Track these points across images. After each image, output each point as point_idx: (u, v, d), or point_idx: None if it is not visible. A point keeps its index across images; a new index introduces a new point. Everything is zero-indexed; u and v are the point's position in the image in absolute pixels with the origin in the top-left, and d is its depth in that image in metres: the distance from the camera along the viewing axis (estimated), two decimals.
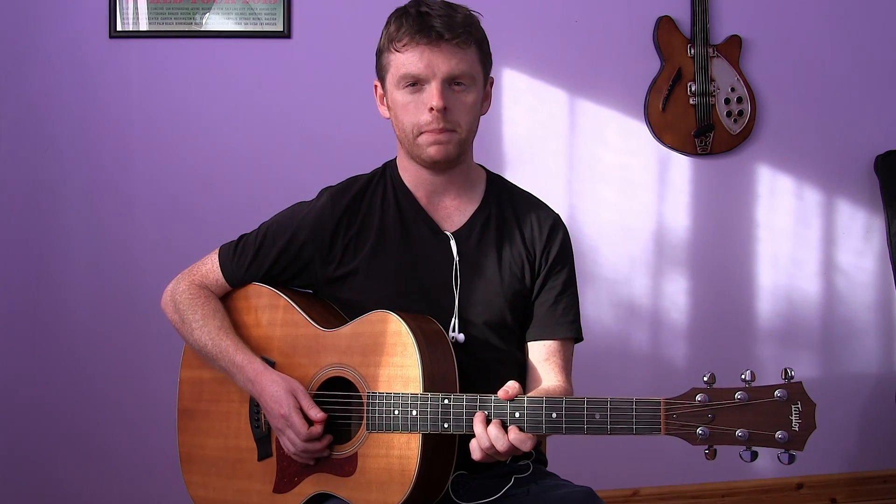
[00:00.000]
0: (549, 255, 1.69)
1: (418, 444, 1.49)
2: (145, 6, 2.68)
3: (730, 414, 1.31)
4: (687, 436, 1.33)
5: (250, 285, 1.73)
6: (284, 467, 1.62)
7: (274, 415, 1.57)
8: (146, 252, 2.71)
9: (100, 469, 2.73)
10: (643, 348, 2.99)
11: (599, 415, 1.38)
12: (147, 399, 2.66)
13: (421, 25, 1.55)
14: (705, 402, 1.32)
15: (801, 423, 1.29)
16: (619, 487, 2.93)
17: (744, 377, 1.32)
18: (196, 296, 1.72)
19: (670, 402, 1.34)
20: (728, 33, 2.95)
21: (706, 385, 1.34)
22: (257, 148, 2.76)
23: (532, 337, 1.69)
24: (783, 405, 1.29)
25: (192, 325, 1.69)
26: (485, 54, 1.63)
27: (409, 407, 1.49)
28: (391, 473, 1.51)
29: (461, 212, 1.69)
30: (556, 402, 1.41)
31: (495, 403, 1.44)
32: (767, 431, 1.29)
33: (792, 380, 1.31)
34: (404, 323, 1.52)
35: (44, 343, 2.70)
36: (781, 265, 3.05)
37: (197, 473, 1.73)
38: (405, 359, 1.51)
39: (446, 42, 1.54)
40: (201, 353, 1.70)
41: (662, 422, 1.34)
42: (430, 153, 1.60)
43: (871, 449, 3.10)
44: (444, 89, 1.56)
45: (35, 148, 2.68)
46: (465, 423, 1.46)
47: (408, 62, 1.56)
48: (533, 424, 1.42)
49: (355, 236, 1.67)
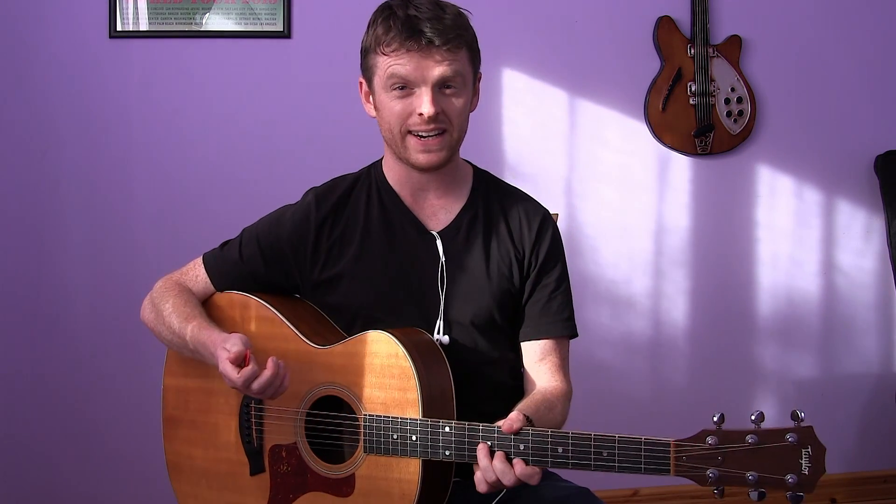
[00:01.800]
0: (539, 253, 1.66)
1: (418, 469, 1.47)
2: (145, 6, 2.68)
3: (740, 457, 1.30)
4: (697, 477, 1.32)
5: (235, 295, 1.70)
6: (279, 484, 1.60)
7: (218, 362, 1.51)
8: (146, 252, 2.70)
9: (101, 468, 2.73)
10: (643, 348, 2.99)
11: (607, 452, 1.36)
12: (147, 398, 2.63)
13: (411, 30, 1.50)
14: (716, 444, 1.30)
15: (811, 467, 1.29)
16: (619, 487, 2.92)
17: (753, 418, 1.30)
18: (170, 288, 1.70)
19: (680, 444, 1.32)
20: (728, 33, 2.95)
21: (715, 426, 1.32)
22: (257, 148, 2.76)
23: (526, 337, 1.66)
24: (793, 449, 1.28)
25: (163, 313, 1.66)
26: (474, 53, 1.60)
27: (408, 432, 1.47)
28: (391, 497, 1.49)
29: (447, 210, 1.67)
30: (562, 437, 1.38)
31: (498, 435, 1.41)
32: (778, 475, 1.28)
33: (802, 422, 1.29)
34: (401, 345, 1.50)
35: (44, 342, 2.70)
36: (781, 265, 3.05)
37: (186, 483, 1.72)
38: (402, 381, 1.49)
39: (437, 48, 1.51)
40: (173, 342, 1.65)
41: (672, 464, 1.33)
42: (418, 160, 1.57)
43: (871, 449, 3.10)
44: (434, 94, 1.53)
45: (35, 148, 2.68)
46: (466, 453, 1.43)
47: (397, 66, 1.52)
48: (538, 458, 1.40)
49: (339, 238, 1.65)
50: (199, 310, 1.66)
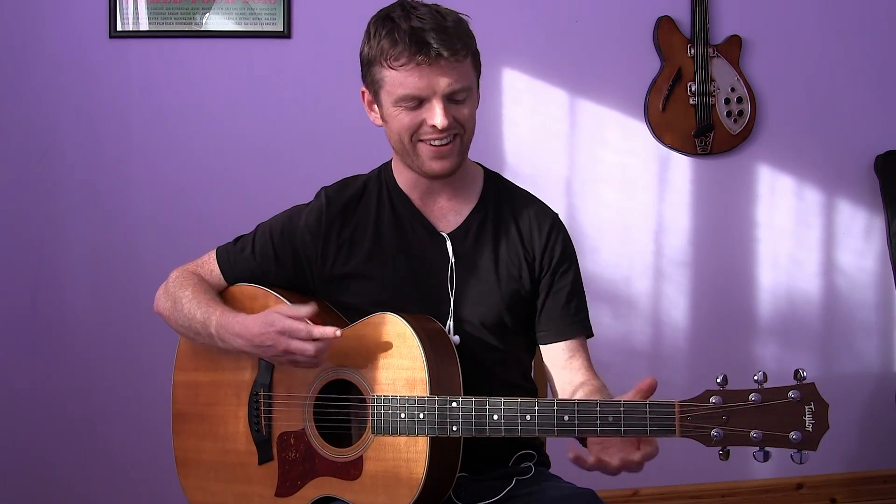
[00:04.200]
0: (552, 256, 1.68)
1: (426, 447, 1.48)
2: (145, 6, 2.68)
3: (744, 415, 1.31)
4: (702, 437, 1.33)
5: (245, 286, 1.71)
6: (287, 471, 1.61)
7: (273, 342, 1.51)
8: (146, 251, 2.70)
9: (101, 468, 2.73)
10: (643, 349, 2.99)
11: (612, 417, 1.37)
12: (148, 398, 2.65)
13: (418, 44, 1.50)
14: (719, 404, 1.32)
15: (815, 424, 1.31)
16: (619, 487, 2.92)
17: (756, 378, 1.31)
18: (189, 278, 1.71)
19: (685, 404, 1.34)
20: (728, 33, 2.95)
21: (719, 387, 1.33)
22: (257, 148, 2.76)
23: (548, 339, 1.68)
24: (797, 406, 1.30)
25: (182, 302, 1.66)
26: (477, 58, 1.61)
27: (415, 410, 1.48)
28: (398, 476, 1.50)
29: (457, 212, 1.68)
30: (567, 405, 1.40)
31: (505, 406, 1.43)
32: (782, 432, 1.30)
33: (805, 380, 1.32)
34: (408, 325, 1.51)
35: (44, 342, 2.70)
36: (782, 265, 3.05)
37: (194, 478, 1.72)
38: (410, 361, 1.51)
39: (445, 59, 1.51)
40: (192, 326, 1.65)
41: (677, 424, 1.34)
42: (432, 167, 1.59)
43: (871, 449, 3.10)
44: (445, 105, 1.54)
45: (35, 148, 2.68)
46: (474, 427, 1.45)
47: (407, 82, 1.52)
48: (544, 427, 1.41)
49: (350, 238, 1.66)
50: (219, 299, 1.68)
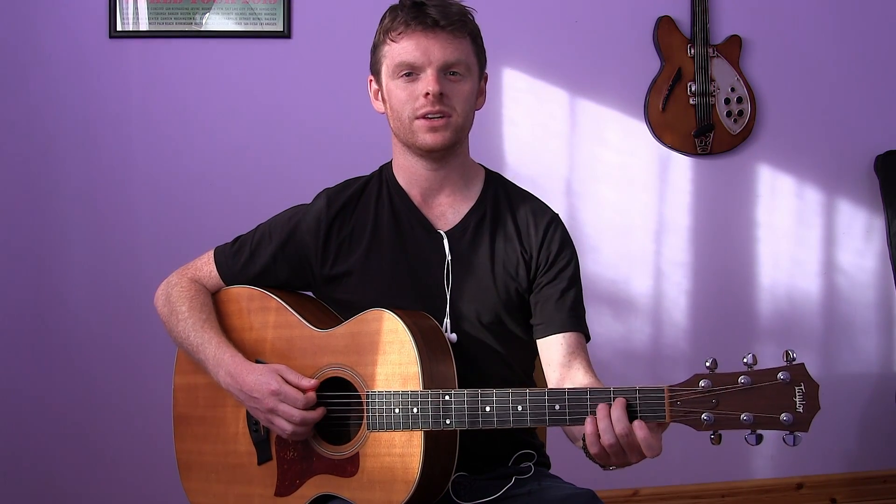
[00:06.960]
0: (549, 253, 1.67)
1: (420, 442, 1.49)
2: (145, 6, 2.68)
3: (734, 398, 1.31)
4: (692, 422, 1.32)
5: (240, 288, 1.72)
6: (285, 470, 1.61)
7: (262, 397, 1.55)
8: (146, 251, 2.70)
9: (102, 470, 2.73)
10: (643, 349, 2.99)
11: (603, 404, 1.37)
12: (148, 399, 2.66)
13: (416, 13, 1.57)
14: (709, 387, 1.32)
15: (806, 405, 1.29)
16: (619, 487, 2.92)
17: (746, 361, 1.31)
18: (188, 289, 1.72)
19: (674, 388, 1.34)
20: (728, 33, 2.95)
21: (708, 371, 1.34)
22: (257, 148, 2.76)
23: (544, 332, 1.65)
24: (786, 387, 1.29)
25: (178, 316, 1.69)
26: (479, 48, 1.65)
27: (409, 404, 1.49)
28: (394, 472, 1.50)
29: (455, 210, 1.69)
30: (558, 394, 1.41)
31: (497, 397, 1.44)
32: (772, 414, 1.29)
33: (794, 362, 1.30)
34: (401, 320, 1.52)
35: (44, 342, 2.70)
36: (782, 265, 3.05)
37: (196, 480, 1.73)
38: (403, 356, 1.51)
39: (441, 29, 1.57)
40: (184, 344, 1.69)
41: (667, 409, 1.33)
42: (426, 140, 1.60)
43: (871, 449, 3.10)
44: (439, 76, 1.57)
45: (35, 148, 2.68)
46: (467, 419, 1.46)
47: (403, 51, 1.58)
48: (536, 416, 1.42)
49: (349, 236, 1.68)
50: (214, 320, 1.69)
